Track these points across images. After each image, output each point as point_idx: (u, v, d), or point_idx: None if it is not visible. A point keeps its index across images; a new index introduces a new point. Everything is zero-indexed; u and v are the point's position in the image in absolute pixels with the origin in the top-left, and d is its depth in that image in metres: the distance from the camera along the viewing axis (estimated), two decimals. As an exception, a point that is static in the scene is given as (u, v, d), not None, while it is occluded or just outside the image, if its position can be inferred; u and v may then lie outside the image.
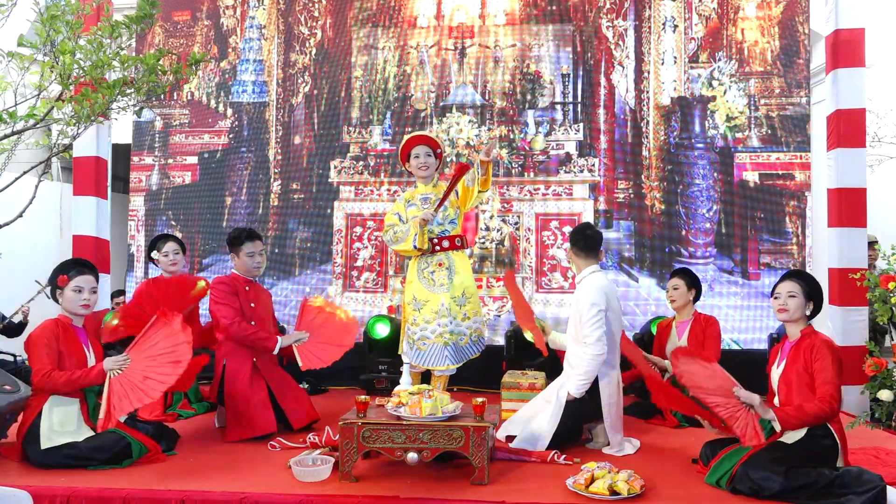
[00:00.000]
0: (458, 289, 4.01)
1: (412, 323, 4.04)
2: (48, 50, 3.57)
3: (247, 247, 3.93)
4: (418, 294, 4.02)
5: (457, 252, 4.09)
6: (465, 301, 4.01)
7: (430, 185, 4.12)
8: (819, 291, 3.06)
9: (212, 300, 3.90)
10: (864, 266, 4.54)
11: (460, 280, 4.02)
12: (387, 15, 5.76)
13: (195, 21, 6.06)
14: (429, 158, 4.07)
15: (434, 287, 4.00)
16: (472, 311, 4.05)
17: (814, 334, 2.98)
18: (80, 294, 3.30)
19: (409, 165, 4.15)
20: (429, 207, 4.03)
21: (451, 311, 3.95)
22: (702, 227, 5.42)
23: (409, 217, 4.05)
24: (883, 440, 3.64)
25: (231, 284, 3.90)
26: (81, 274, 3.31)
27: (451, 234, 4.06)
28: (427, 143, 4.09)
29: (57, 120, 3.71)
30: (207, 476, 3.05)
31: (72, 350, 3.26)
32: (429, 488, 2.87)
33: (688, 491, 2.90)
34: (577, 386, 3.45)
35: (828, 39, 4.78)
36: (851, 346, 4.32)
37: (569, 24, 5.57)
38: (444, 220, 4.05)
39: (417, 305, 4.02)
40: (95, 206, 5.33)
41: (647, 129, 5.48)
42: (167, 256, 4.44)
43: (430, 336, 3.95)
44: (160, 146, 6.06)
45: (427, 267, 4.05)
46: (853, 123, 4.63)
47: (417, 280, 4.05)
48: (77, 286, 3.29)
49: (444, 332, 3.93)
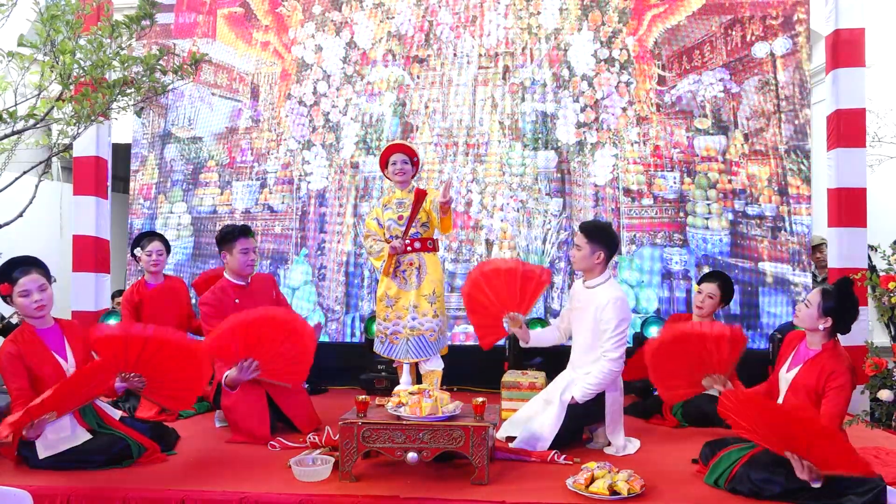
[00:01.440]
0: (428, 287, 4.17)
1: (384, 318, 4.21)
2: (48, 50, 3.57)
3: (241, 243, 3.93)
4: (390, 291, 4.20)
5: (428, 253, 4.24)
6: (434, 299, 4.17)
7: (405, 190, 4.27)
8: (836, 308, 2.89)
9: (201, 322, 3.96)
10: (865, 266, 4.54)
11: (430, 280, 4.18)
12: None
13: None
14: (405, 165, 4.23)
15: (405, 285, 4.17)
16: (440, 309, 4.20)
17: (837, 356, 2.86)
18: (30, 297, 3.09)
19: (387, 172, 4.30)
20: (403, 212, 4.17)
21: (416, 309, 4.12)
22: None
23: (386, 220, 4.24)
24: (883, 440, 3.64)
25: (217, 305, 3.84)
26: (25, 275, 3.09)
27: (422, 237, 4.22)
28: (404, 151, 4.27)
29: (57, 120, 3.72)
30: (207, 476, 3.05)
31: (41, 361, 3.11)
32: (429, 488, 2.87)
33: (688, 491, 2.89)
34: (585, 394, 3.44)
35: (828, 39, 4.79)
36: (852, 346, 4.32)
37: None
38: (417, 224, 4.18)
39: (389, 302, 4.20)
40: (95, 205, 5.33)
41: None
42: (150, 256, 4.44)
43: (400, 331, 4.14)
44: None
45: (399, 266, 4.21)
46: (853, 123, 4.63)
47: (390, 278, 4.22)
48: (23, 290, 3.08)
49: (406, 326, 4.13)
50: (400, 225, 4.18)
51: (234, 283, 3.98)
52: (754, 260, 5.32)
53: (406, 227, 4.14)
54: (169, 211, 6.05)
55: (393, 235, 4.19)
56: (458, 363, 4.49)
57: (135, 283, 4.55)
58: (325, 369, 5.16)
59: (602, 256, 3.51)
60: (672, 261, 5.42)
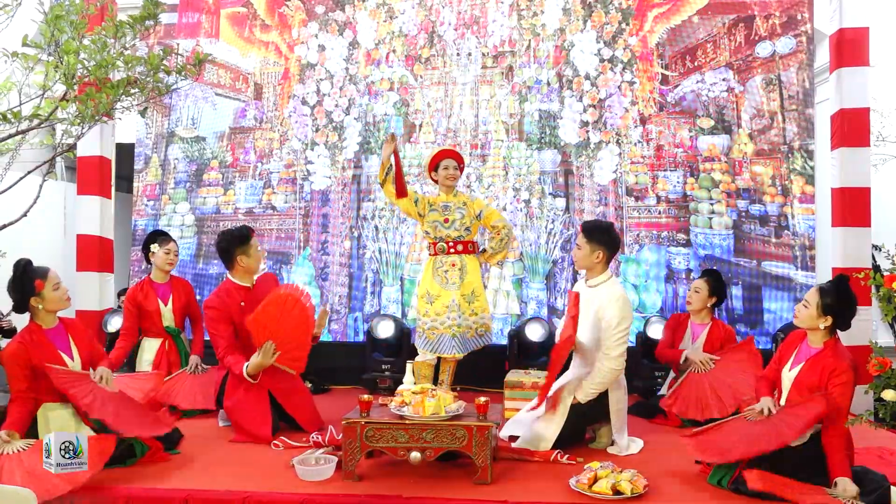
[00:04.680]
0: (468, 287, 4.35)
1: (424, 314, 4.36)
2: (52, 50, 3.58)
3: (255, 242, 3.97)
4: (431, 289, 4.37)
5: (469, 255, 4.43)
6: (473, 299, 4.36)
7: (451, 194, 4.46)
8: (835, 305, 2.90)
9: (206, 326, 3.96)
10: (868, 266, 4.53)
11: (470, 280, 4.37)
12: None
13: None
14: (455, 171, 4.45)
15: (446, 284, 4.34)
16: (480, 308, 4.40)
17: (839, 354, 2.88)
18: (60, 290, 3.24)
19: (437, 174, 4.46)
20: (448, 215, 4.39)
21: (459, 307, 4.29)
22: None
23: (430, 220, 4.40)
24: (887, 440, 3.63)
25: (222, 309, 3.84)
26: (49, 271, 3.22)
27: (465, 240, 4.42)
28: (454, 157, 4.48)
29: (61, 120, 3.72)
30: (210, 475, 3.05)
31: (48, 360, 3.14)
32: (432, 487, 2.87)
33: (691, 491, 2.89)
34: (588, 394, 3.45)
35: (832, 38, 4.78)
36: (856, 346, 4.31)
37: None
38: (461, 227, 4.39)
39: (430, 299, 4.35)
40: (99, 205, 5.35)
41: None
42: (168, 254, 4.49)
43: (439, 327, 4.29)
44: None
45: (442, 266, 4.39)
46: (857, 123, 4.62)
47: (432, 277, 4.39)
48: (56, 283, 3.22)
49: (453, 324, 4.27)
50: (445, 227, 4.37)
51: (240, 285, 3.96)
52: (758, 259, 5.32)
53: (397, 173, 4.32)
54: (172, 210, 6.06)
55: (440, 237, 4.38)
56: (461, 363, 4.49)
57: (140, 282, 4.55)
58: (329, 369, 5.18)
59: (602, 256, 3.52)
60: (675, 260, 5.42)
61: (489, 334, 4.47)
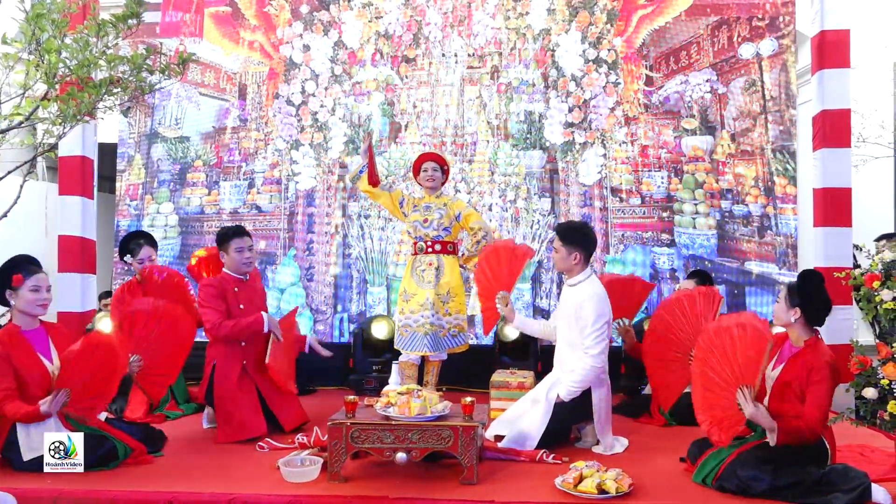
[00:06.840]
0: (444, 287, 4.37)
1: (400, 312, 4.44)
2: (33, 48, 3.53)
3: (235, 243, 3.92)
4: (408, 287, 4.43)
5: (448, 256, 4.45)
6: (448, 299, 4.36)
7: (433, 195, 4.52)
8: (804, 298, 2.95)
9: (199, 303, 3.91)
10: (850, 265, 4.58)
11: (447, 280, 4.39)
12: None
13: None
14: (436, 173, 4.50)
15: (422, 283, 4.38)
16: (455, 308, 4.40)
17: (818, 352, 2.90)
18: (39, 293, 3.16)
19: (419, 178, 4.55)
20: (429, 215, 4.44)
21: (434, 306, 4.30)
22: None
23: (412, 220, 4.47)
24: (868, 438, 3.67)
25: (219, 287, 3.90)
26: (37, 273, 3.17)
27: (443, 240, 4.44)
28: (435, 159, 4.55)
29: (42, 119, 3.68)
30: (195, 477, 3.03)
31: (27, 362, 3.09)
32: (418, 488, 2.87)
33: (676, 489, 2.91)
34: (570, 392, 3.46)
35: (813, 40, 4.82)
36: (837, 345, 4.35)
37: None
38: (439, 227, 4.42)
39: (406, 297, 4.41)
40: (81, 205, 5.29)
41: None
42: (142, 264, 4.38)
43: (412, 325, 4.32)
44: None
45: (420, 265, 4.43)
46: (838, 124, 4.67)
47: (410, 275, 4.45)
48: (35, 285, 3.15)
49: (426, 322, 4.29)
50: (424, 227, 4.43)
51: (234, 276, 3.99)
52: (741, 259, 5.37)
53: (370, 164, 4.49)
54: (156, 211, 6.01)
55: (419, 237, 4.44)
56: (446, 363, 4.50)
57: (125, 284, 4.45)
58: (314, 370, 5.15)
59: (579, 257, 3.55)
60: (660, 260, 5.45)
61: (463, 335, 4.44)
